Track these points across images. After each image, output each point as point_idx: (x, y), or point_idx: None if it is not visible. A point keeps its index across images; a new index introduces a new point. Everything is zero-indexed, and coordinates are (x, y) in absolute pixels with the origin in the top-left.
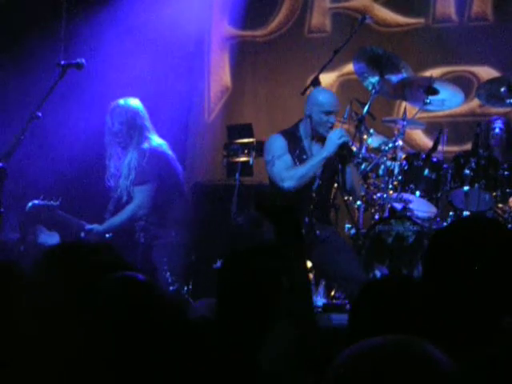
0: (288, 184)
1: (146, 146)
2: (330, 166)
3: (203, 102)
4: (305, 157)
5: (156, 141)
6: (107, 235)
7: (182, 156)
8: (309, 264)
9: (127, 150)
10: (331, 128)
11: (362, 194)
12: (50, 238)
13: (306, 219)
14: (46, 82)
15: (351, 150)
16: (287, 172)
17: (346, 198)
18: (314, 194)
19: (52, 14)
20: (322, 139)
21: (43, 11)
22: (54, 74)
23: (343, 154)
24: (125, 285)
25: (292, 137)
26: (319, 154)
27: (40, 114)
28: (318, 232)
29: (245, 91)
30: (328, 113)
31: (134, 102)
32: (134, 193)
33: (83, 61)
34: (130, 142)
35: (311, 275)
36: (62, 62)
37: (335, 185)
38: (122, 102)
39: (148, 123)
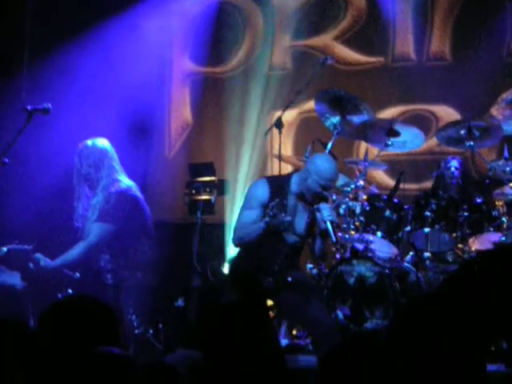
0: (233, 239)
1: (112, 189)
2: (312, 227)
3: (164, 137)
4: (283, 216)
5: (125, 182)
6: (76, 275)
7: (143, 193)
8: (269, 302)
9: (96, 191)
10: (320, 200)
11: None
12: (11, 279)
13: (276, 268)
14: (9, 127)
15: (333, 232)
16: (240, 226)
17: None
18: (287, 249)
19: (14, 60)
20: (306, 201)
21: (5, 56)
22: (20, 119)
23: (326, 230)
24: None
25: (278, 189)
26: (261, 225)
27: (7, 160)
28: (289, 279)
29: (205, 127)
30: (326, 188)
31: (102, 143)
32: (92, 228)
33: (49, 105)
34: (98, 184)
35: (272, 314)
36: (29, 108)
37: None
38: (89, 143)
39: (116, 164)
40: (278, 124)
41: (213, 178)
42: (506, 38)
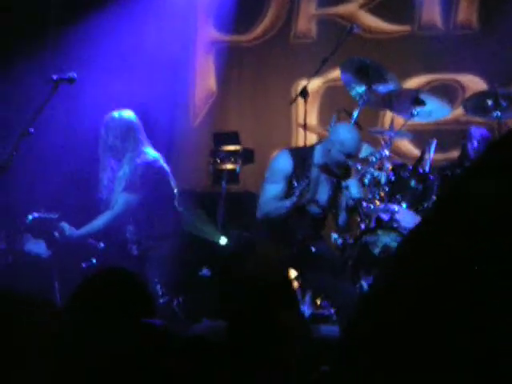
0: (257, 214)
1: (138, 161)
2: (335, 199)
3: (188, 106)
4: (305, 187)
5: (151, 154)
6: (100, 245)
7: (167, 161)
8: (293, 273)
9: (121, 162)
10: (346, 170)
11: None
12: (37, 247)
13: (300, 237)
14: (36, 96)
15: (359, 209)
16: (265, 202)
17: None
18: (311, 219)
19: (40, 29)
20: (330, 172)
21: (31, 26)
22: (46, 89)
23: (353, 207)
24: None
25: (302, 160)
26: (287, 204)
27: (32, 130)
28: (312, 248)
29: (230, 96)
30: (348, 155)
31: (129, 115)
32: (118, 199)
33: (75, 75)
34: (124, 156)
35: (296, 284)
36: (54, 77)
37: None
38: (116, 114)
39: (142, 136)
40: (304, 93)
41: (237, 147)
42: None
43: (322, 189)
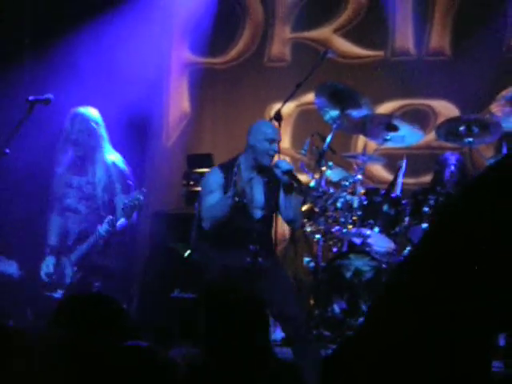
0: (204, 224)
1: (120, 163)
2: (272, 196)
3: (162, 127)
4: (245, 192)
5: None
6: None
7: (141, 181)
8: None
9: (90, 159)
10: (273, 157)
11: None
12: (9, 267)
13: (251, 247)
14: (11, 117)
15: (296, 180)
16: (206, 209)
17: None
18: (257, 224)
19: (14, 50)
20: (263, 171)
21: (5, 46)
22: (21, 110)
23: (288, 183)
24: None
25: (229, 169)
26: (229, 195)
27: (8, 151)
28: (260, 260)
29: (204, 118)
30: (271, 141)
31: (95, 112)
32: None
33: (51, 96)
34: (90, 152)
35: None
36: (30, 98)
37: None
38: (83, 109)
39: (107, 135)
40: (277, 116)
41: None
42: (506, 34)
43: (257, 190)
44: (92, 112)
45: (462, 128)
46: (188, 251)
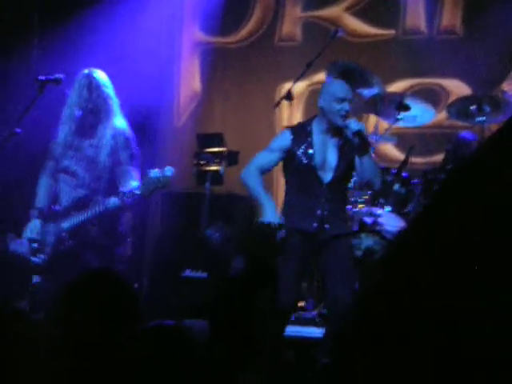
0: (241, 173)
1: (120, 123)
2: (345, 158)
3: (172, 107)
4: (310, 151)
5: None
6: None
7: (151, 161)
8: None
9: (100, 123)
10: (346, 117)
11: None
12: (20, 247)
13: (318, 212)
14: (22, 96)
15: (367, 140)
16: (253, 166)
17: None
18: (326, 188)
19: (25, 30)
20: (338, 133)
21: (16, 26)
22: (32, 90)
23: (359, 143)
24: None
25: (301, 131)
26: (263, 200)
27: (19, 131)
28: (327, 226)
29: (214, 98)
30: (341, 100)
31: (105, 75)
32: (130, 171)
33: (61, 76)
34: (103, 118)
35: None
36: (41, 78)
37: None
38: (96, 74)
39: (116, 97)
40: (288, 96)
41: (222, 149)
42: None
43: (330, 153)
44: (104, 76)
45: (473, 107)
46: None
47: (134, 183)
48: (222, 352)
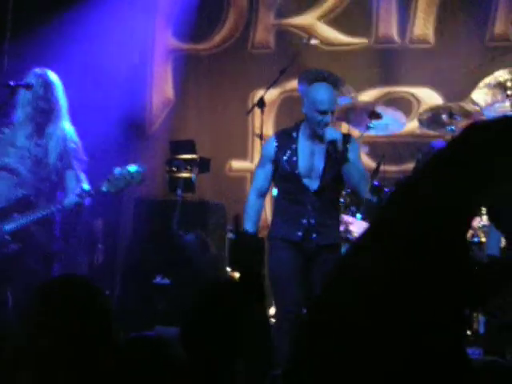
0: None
1: (69, 128)
2: (332, 165)
3: (145, 113)
4: (294, 159)
5: None
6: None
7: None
8: None
9: (48, 125)
10: (325, 127)
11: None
12: None
13: (304, 221)
14: None
15: (344, 149)
16: (253, 192)
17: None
18: (314, 196)
19: None
20: (322, 140)
21: None
22: (3, 95)
23: (336, 152)
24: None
25: (286, 137)
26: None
27: (6, 135)
28: (314, 235)
29: (187, 105)
30: (322, 112)
31: (56, 76)
32: (79, 175)
33: (33, 81)
34: (52, 119)
35: None
36: (11, 83)
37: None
38: (50, 74)
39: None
40: (260, 103)
41: (194, 156)
42: (489, 23)
43: (318, 159)
44: (57, 77)
45: (444, 116)
46: None
47: (86, 186)
48: (197, 366)
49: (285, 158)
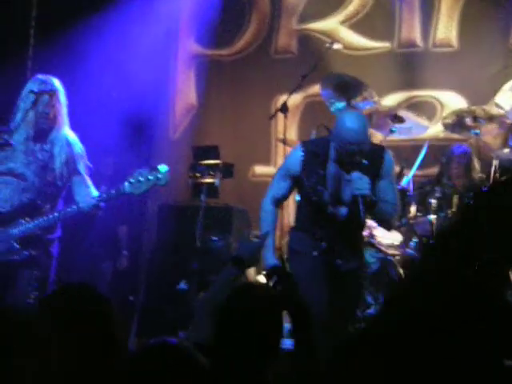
0: (261, 203)
1: (73, 136)
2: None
3: (168, 119)
4: (320, 188)
5: None
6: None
7: None
8: None
9: (52, 131)
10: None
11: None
12: None
13: (323, 245)
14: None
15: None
16: (269, 198)
17: None
18: (340, 222)
19: (20, 32)
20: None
21: (11, 36)
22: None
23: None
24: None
25: (313, 158)
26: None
27: (13, 143)
28: (338, 261)
29: (210, 110)
30: (348, 154)
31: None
32: (87, 180)
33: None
34: (56, 126)
35: None
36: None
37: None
38: (56, 81)
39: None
40: (283, 108)
41: (217, 161)
42: None
43: (346, 185)
44: (60, 83)
45: (468, 119)
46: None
47: (94, 192)
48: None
49: (310, 184)
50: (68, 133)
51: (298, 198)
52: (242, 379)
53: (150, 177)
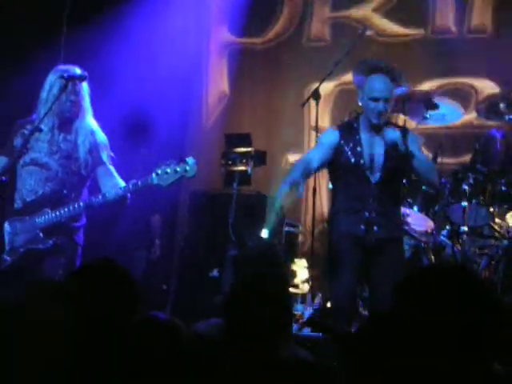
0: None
1: (95, 125)
2: (392, 157)
3: (201, 107)
4: (359, 149)
5: None
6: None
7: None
8: (305, 275)
9: (76, 121)
10: (381, 116)
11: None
12: None
13: (366, 214)
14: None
15: (403, 150)
16: (296, 167)
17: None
18: (375, 188)
19: (53, 20)
20: (380, 131)
21: (45, 16)
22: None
23: (398, 152)
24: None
25: (348, 128)
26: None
27: (43, 127)
28: (375, 228)
29: (243, 98)
30: (374, 99)
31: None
32: (112, 170)
33: (85, 73)
34: (79, 116)
35: (307, 286)
36: (65, 75)
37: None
38: (78, 71)
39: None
40: (315, 95)
41: (249, 149)
42: None
43: (377, 151)
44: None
45: (502, 105)
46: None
47: (121, 182)
48: (235, 351)
49: (349, 148)
50: (91, 122)
51: (330, 186)
52: (254, 356)
53: (177, 168)
